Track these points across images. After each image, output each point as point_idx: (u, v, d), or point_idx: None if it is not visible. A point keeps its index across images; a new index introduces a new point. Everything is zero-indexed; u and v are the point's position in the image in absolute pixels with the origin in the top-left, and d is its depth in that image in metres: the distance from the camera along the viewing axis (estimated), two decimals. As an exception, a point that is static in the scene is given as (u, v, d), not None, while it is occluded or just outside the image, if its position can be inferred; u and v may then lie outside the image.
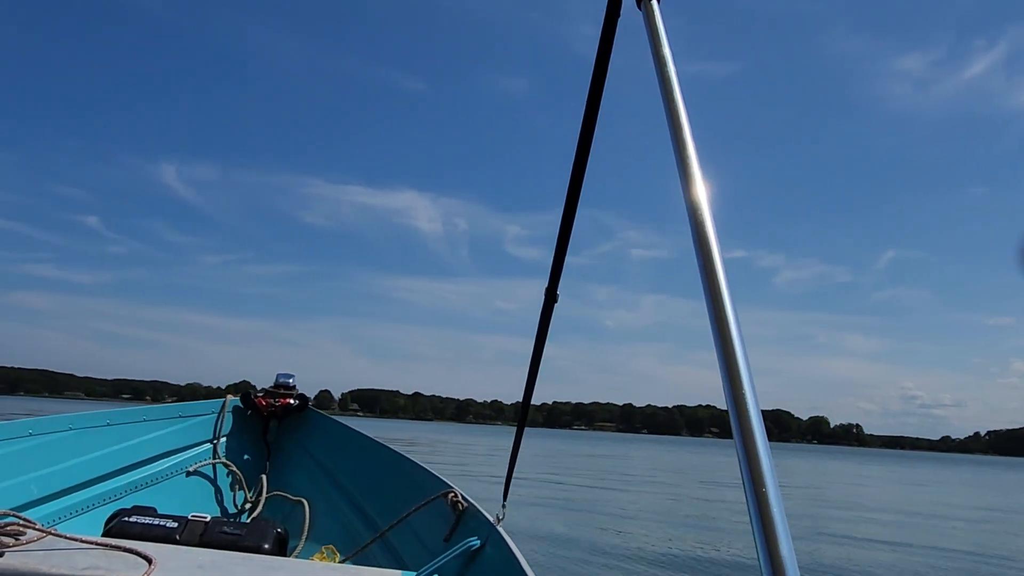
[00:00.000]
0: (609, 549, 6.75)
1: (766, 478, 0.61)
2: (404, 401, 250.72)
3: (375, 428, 37.74)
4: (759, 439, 0.64)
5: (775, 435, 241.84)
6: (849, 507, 13.57)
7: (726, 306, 0.73)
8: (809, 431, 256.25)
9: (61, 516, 2.41)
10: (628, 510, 10.34)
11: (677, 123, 0.90)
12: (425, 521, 2.29)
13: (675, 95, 0.93)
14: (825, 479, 24.27)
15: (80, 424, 2.63)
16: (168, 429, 2.92)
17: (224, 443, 3.07)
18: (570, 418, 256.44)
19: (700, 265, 0.77)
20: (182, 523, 2.00)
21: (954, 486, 25.19)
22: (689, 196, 0.83)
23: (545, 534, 7.38)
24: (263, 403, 3.15)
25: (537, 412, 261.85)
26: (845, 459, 60.46)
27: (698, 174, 0.85)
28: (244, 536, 2.01)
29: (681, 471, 23.16)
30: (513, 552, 1.74)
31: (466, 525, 2.12)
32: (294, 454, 3.14)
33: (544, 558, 6.09)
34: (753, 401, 0.66)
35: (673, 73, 0.96)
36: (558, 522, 8.44)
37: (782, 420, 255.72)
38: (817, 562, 6.81)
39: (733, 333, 0.71)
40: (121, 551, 1.43)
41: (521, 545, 1.80)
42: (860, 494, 17.94)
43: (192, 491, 2.88)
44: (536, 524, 8.02)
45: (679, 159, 0.87)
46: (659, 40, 1.00)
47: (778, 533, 0.58)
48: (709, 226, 0.80)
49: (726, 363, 0.69)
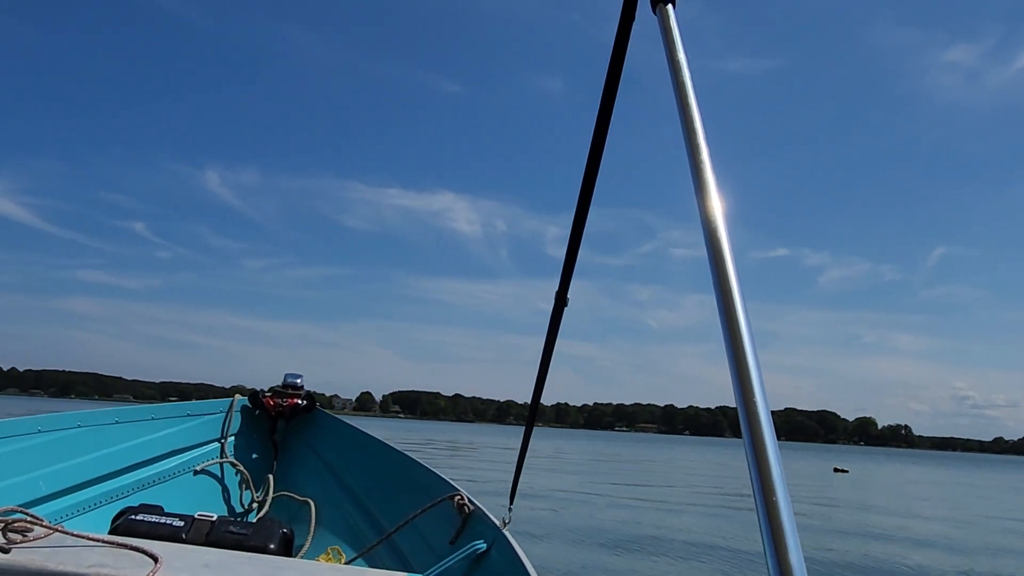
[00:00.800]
0: (624, 553, 6.73)
1: (776, 485, 0.61)
2: (445, 403, 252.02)
3: (416, 430, 38.23)
4: (770, 449, 0.63)
5: (821, 436, 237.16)
6: (892, 513, 13.34)
7: (738, 314, 0.73)
8: (856, 432, 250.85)
9: (68, 513, 2.42)
10: (656, 515, 10.28)
11: (691, 128, 0.89)
12: (431, 523, 2.28)
13: (690, 100, 0.92)
14: (871, 480, 23.83)
15: (89, 422, 2.63)
16: (176, 428, 2.92)
17: (231, 442, 3.07)
18: (612, 419, 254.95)
19: (713, 271, 0.77)
20: (188, 522, 1.99)
21: (1006, 490, 24.50)
22: (702, 200, 0.82)
23: (561, 536, 7.38)
24: (271, 403, 3.14)
25: (578, 413, 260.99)
26: (893, 460, 59.03)
27: (711, 179, 0.84)
28: (250, 536, 2.00)
29: (715, 474, 22.87)
30: (519, 556, 1.74)
31: (472, 528, 2.11)
32: (301, 454, 3.14)
33: (553, 563, 6.04)
34: (764, 410, 0.66)
35: (688, 78, 0.95)
36: (581, 524, 8.44)
37: (828, 421, 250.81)
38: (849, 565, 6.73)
39: (746, 344, 0.71)
40: (128, 549, 1.42)
41: (528, 549, 1.81)
42: (907, 494, 17.62)
43: (199, 490, 2.88)
44: (550, 525, 8.03)
45: (692, 164, 0.86)
46: (674, 44, 0.99)
47: (787, 541, 0.57)
48: (722, 230, 0.80)
49: (737, 371, 0.69)
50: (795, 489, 17.27)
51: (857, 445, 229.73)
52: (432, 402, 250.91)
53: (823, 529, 9.41)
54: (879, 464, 46.90)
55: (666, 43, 1.00)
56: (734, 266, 0.77)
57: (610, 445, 45.58)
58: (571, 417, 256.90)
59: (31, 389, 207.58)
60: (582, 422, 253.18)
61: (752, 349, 0.70)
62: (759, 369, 0.69)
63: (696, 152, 0.86)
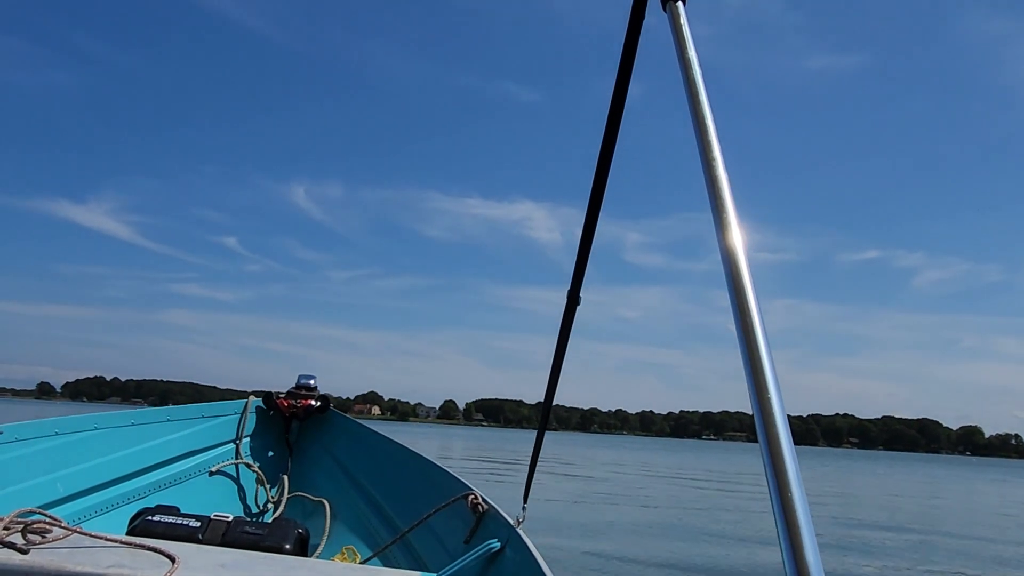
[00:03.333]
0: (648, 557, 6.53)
1: (791, 483, 0.61)
2: (528, 411, 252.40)
3: (500, 438, 37.95)
4: (785, 445, 0.63)
5: (923, 445, 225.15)
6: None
7: (752, 312, 0.73)
8: (961, 441, 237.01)
9: (86, 515, 2.46)
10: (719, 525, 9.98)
11: (703, 126, 0.89)
12: (445, 523, 2.29)
13: (701, 98, 0.92)
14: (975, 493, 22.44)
15: (105, 424, 2.67)
16: (191, 429, 2.95)
17: (246, 443, 3.10)
18: (699, 427, 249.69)
19: (726, 269, 0.77)
20: (205, 522, 2.01)
21: None
22: (714, 198, 0.83)
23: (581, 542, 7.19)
24: (285, 404, 3.17)
25: (664, 421, 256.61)
26: (1003, 472, 55.43)
27: (723, 176, 0.85)
28: (266, 536, 2.02)
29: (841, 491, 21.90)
30: (533, 555, 1.74)
31: (486, 527, 2.11)
32: (315, 455, 3.16)
33: (568, 560, 5.91)
34: (780, 409, 0.66)
35: (699, 76, 0.95)
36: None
37: (929, 430, 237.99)
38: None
39: (760, 343, 0.71)
40: (145, 550, 1.44)
41: (542, 547, 1.79)
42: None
43: (214, 491, 2.91)
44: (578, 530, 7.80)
45: (704, 161, 0.86)
46: (685, 42, 0.99)
47: (804, 539, 0.58)
48: (734, 226, 0.80)
49: (752, 371, 0.69)
50: (896, 501, 16.47)
51: (962, 455, 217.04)
52: (515, 410, 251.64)
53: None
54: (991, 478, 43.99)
55: (677, 41, 1.00)
56: (747, 263, 0.76)
57: (702, 457, 44.34)
58: (657, 425, 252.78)
59: (132, 398, 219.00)
60: (668, 430, 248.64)
61: (767, 348, 0.70)
62: (773, 369, 0.69)
63: (708, 150, 0.87)
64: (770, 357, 0.70)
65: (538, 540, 1.84)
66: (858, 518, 11.69)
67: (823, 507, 13.31)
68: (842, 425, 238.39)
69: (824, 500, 15.15)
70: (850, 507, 13.95)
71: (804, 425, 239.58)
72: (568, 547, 6.74)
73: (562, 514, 9.38)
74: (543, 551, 1.76)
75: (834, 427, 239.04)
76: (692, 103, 0.92)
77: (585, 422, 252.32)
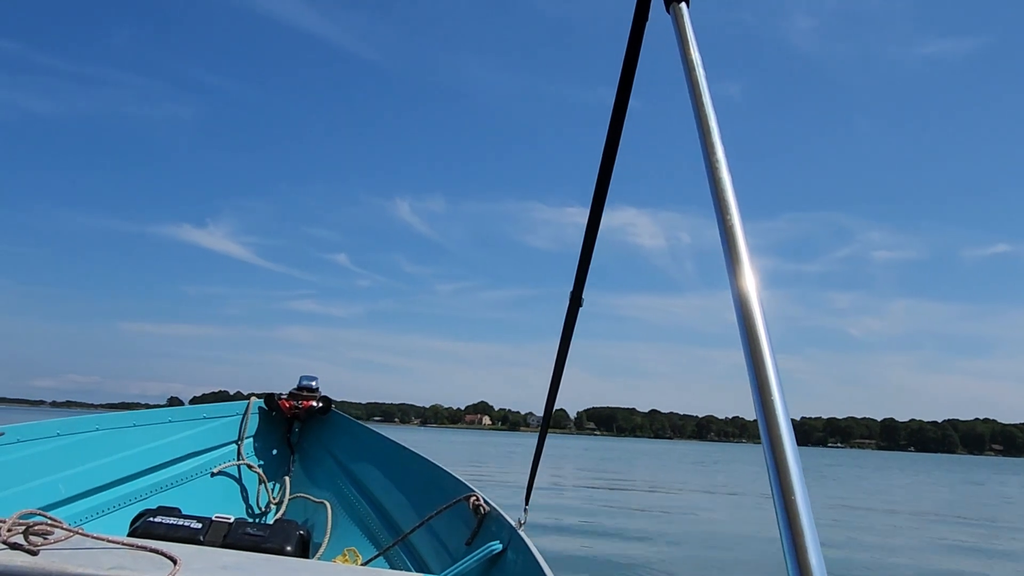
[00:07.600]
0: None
1: (795, 486, 0.61)
2: (641, 419, 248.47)
3: (613, 448, 36.51)
4: (788, 447, 0.63)
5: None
6: None
7: (754, 310, 0.73)
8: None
9: (88, 516, 2.45)
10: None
11: (706, 126, 0.89)
12: (447, 524, 2.29)
13: (704, 99, 0.92)
14: None
15: (107, 425, 2.67)
16: (193, 430, 2.94)
17: (248, 444, 3.09)
18: (823, 434, 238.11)
19: (728, 267, 0.77)
20: (206, 524, 2.00)
21: None
22: (717, 198, 0.83)
23: None
24: (286, 405, 3.16)
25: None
26: None
27: (727, 177, 0.85)
28: (267, 537, 2.02)
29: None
30: (535, 557, 1.73)
31: (488, 529, 2.10)
32: (317, 456, 3.16)
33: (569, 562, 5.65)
34: (783, 410, 0.66)
35: (703, 77, 0.95)
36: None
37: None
38: None
39: (763, 342, 0.71)
40: (146, 551, 1.43)
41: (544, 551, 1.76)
42: None
43: (216, 492, 2.90)
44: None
45: (707, 162, 0.86)
46: (688, 43, 0.99)
47: (807, 543, 0.58)
48: (737, 224, 0.80)
49: (755, 370, 0.69)
50: None
51: None
52: (628, 418, 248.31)
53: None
54: None
55: (680, 42, 1.00)
56: (750, 263, 0.77)
57: (836, 468, 41.54)
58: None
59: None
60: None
61: (770, 347, 0.71)
62: (777, 369, 0.69)
63: (712, 151, 0.87)
64: (773, 357, 0.70)
65: (536, 543, 1.83)
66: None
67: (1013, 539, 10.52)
68: (983, 431, 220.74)
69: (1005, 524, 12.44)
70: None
71: (940, 431, 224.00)
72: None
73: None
74: (542, 553, 1.74)
75: (975, 433, 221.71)
76: (695, 104, 0.92)
77: (701, 430, 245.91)
